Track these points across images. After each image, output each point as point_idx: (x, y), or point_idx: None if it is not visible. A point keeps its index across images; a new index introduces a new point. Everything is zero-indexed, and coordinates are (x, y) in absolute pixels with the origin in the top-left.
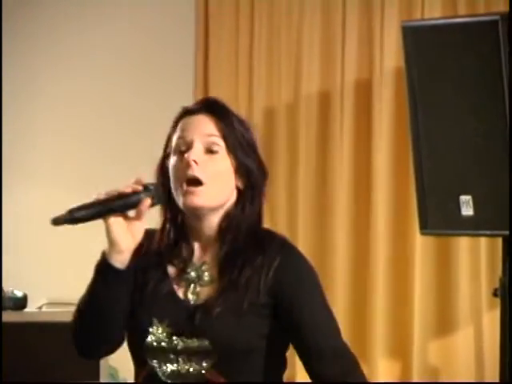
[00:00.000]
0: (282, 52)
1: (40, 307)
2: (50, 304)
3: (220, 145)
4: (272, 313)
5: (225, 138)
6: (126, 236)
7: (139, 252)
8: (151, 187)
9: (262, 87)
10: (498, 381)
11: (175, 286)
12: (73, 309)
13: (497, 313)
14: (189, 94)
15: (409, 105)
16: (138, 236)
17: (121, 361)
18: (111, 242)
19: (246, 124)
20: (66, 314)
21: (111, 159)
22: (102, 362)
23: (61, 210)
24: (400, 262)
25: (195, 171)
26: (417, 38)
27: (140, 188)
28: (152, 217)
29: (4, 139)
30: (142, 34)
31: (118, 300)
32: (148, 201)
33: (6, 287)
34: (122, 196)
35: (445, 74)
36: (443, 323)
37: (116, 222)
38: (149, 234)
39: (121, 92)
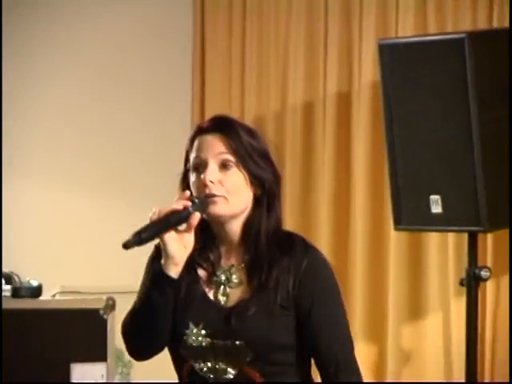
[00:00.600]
0: (270, 66)
1: (54, 295)
2: (62, 292)
3: (232, 160)
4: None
5: (235, 153)
6: (180, 249)
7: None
8: (196, 201)
9: (252, 98)
10: (464, 359)
11: (206, 289)
12: (82, 296)
13: (463, 300)
14: (187, 106)
15: (384, 115)
16: (190, 247)
17: None
18: (168, 256)
19: (255, 134)
20: (77, 301)
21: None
22: (109, 344)
23: (73, 202)
24: (376, 255)
25: (212, 190)
26: (391, 55)
27: (189, 203)
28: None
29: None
30: (142, 49)
31: (169, 305)
32: (197, 214)
33: (23, 277)
34: (175, 213)
35: (417, 87)
36: (415, 310)
37: (171, 237)
38: None
39: (121, 105)
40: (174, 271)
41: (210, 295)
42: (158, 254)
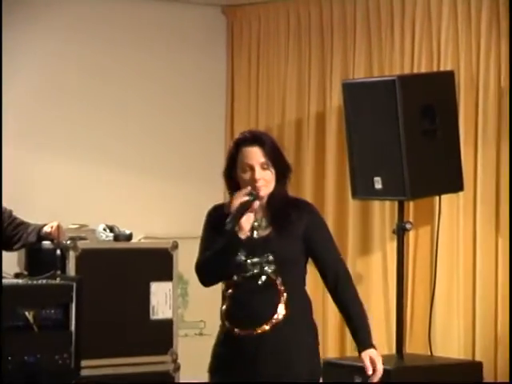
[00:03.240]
0: (274, 94)
1: (140, 239)
2: (145, 238)
3: (267, 163)
4: (304, 243)
5: (269, 158)
6: (248, 224)
7: (216, 220)
8: (254, 192)
9: (263, 114)
10: (395, 281)
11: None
12: (158, 240)
13: (394, 243)
14: (221, 118)
15: (345, 127)
16: (251, 220)
17: (185, 267)
18: (240, 228)
19: (275, 141)
20: (154, 243)
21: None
22: (174, 270)
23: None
24: (342, 212)
25: (259, 183)
26: (349, 90)
27: (248, 197)
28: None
29: None
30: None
31: (236, 254)
32: (257, 202)
33: (121, 228)
34: (244, 203)
35: (365, 111)
36: (365, 248)
37: (244, 218)
38: (220, 206)
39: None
40: (243, 235)
41: (252, 234)
42: (211, 217)
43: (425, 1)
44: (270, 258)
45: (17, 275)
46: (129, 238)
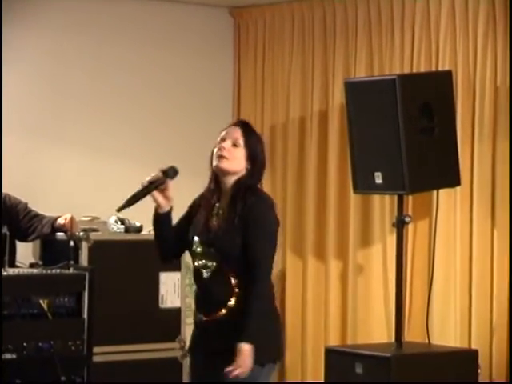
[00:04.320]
0: (279, 93)
1: (149, 231)
2: None
3: (240, 142)
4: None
5: (244, 140)
6: (162, 199)
7: (195, 203)
8: (165, 170)
9: (268, 112)
10: (394, 271)
11: (208, 216)
12: None
13: (394, 236)
14: (229, 112)
15: (347, 124)
16: (170, 198)
17: None
18: (157, 204)
19: (259, 136)
20: None
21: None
22: (182, 260)
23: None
24: (343, 206)
25: (223, 152)
26: (351, 88)
27: (160, 174)
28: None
29: None
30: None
31: (167, 232)
32: (168, 180)
33: (133, 220)
34: (153, 181)
35: (367, 108)
36: (366, 240)
37: (155, 194)
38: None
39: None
40: (161, 211)
41: (211, 222)
42: (192, 206)
43: (424, 4)
44: (217, 249)
45: (32, 265)
46: (139, 229)
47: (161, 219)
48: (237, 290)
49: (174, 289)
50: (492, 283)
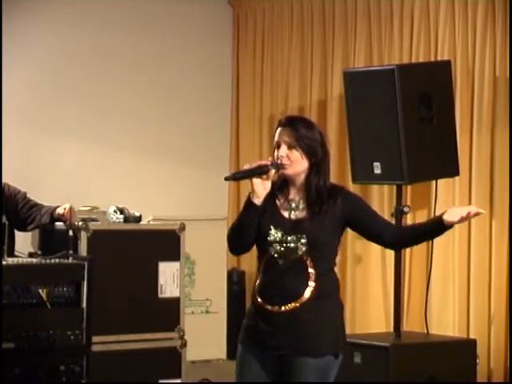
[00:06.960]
0: (278, 82)
1: (148, 221)
2: (154, 219)
3: (293, 144)
4: (342, 225)
5: (296, 140)
6: (261, 188)
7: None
8: (274, 162)
9: (267, 102)
10: (393, 260)
11: (281, 210)
12: (166, 222)
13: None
14: (228, 107)
15: (346, 114)
16: (268, 188)
17: (192, 248)
18: (254, 191)
19: (312, 125)
20: (162, 224)
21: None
22: (181, 250)
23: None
24: None
25: (283, 160)
26: (350, 78)
27: (269, 163)
28: None
29: None
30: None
31: (254, 222)
32: (273, 170)
33: (132, 210)
34: (260, 166)
35: (365, 98)
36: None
37: (256, 181)
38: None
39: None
40: (257, 201)
41: (285, 215)
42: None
43: None
44: (303, 240)
45: (31, 255)
46: (138, 219)
47: (254, 209)
48: (311, 283)
49: (172, 279)
50: (490, 273)
